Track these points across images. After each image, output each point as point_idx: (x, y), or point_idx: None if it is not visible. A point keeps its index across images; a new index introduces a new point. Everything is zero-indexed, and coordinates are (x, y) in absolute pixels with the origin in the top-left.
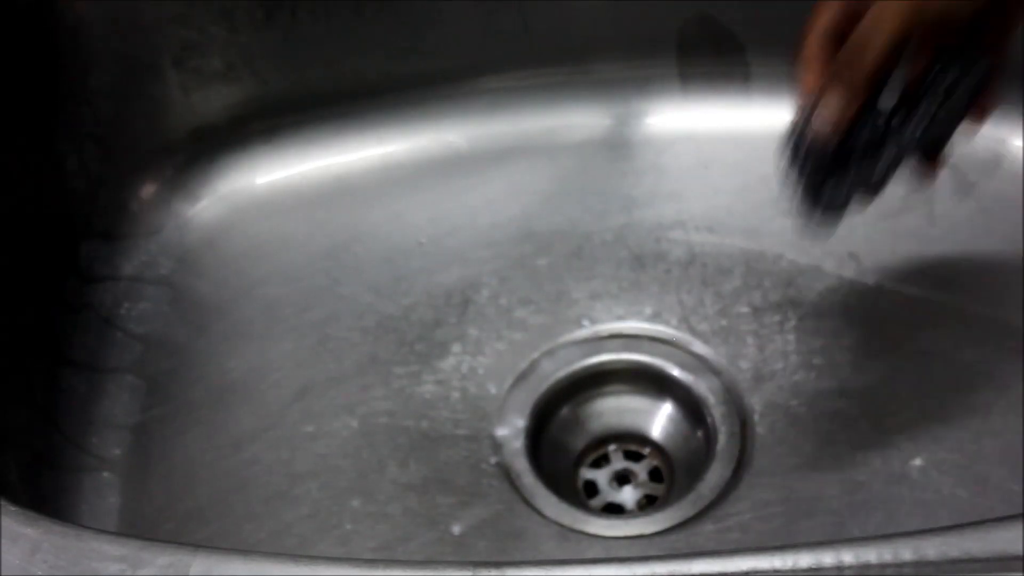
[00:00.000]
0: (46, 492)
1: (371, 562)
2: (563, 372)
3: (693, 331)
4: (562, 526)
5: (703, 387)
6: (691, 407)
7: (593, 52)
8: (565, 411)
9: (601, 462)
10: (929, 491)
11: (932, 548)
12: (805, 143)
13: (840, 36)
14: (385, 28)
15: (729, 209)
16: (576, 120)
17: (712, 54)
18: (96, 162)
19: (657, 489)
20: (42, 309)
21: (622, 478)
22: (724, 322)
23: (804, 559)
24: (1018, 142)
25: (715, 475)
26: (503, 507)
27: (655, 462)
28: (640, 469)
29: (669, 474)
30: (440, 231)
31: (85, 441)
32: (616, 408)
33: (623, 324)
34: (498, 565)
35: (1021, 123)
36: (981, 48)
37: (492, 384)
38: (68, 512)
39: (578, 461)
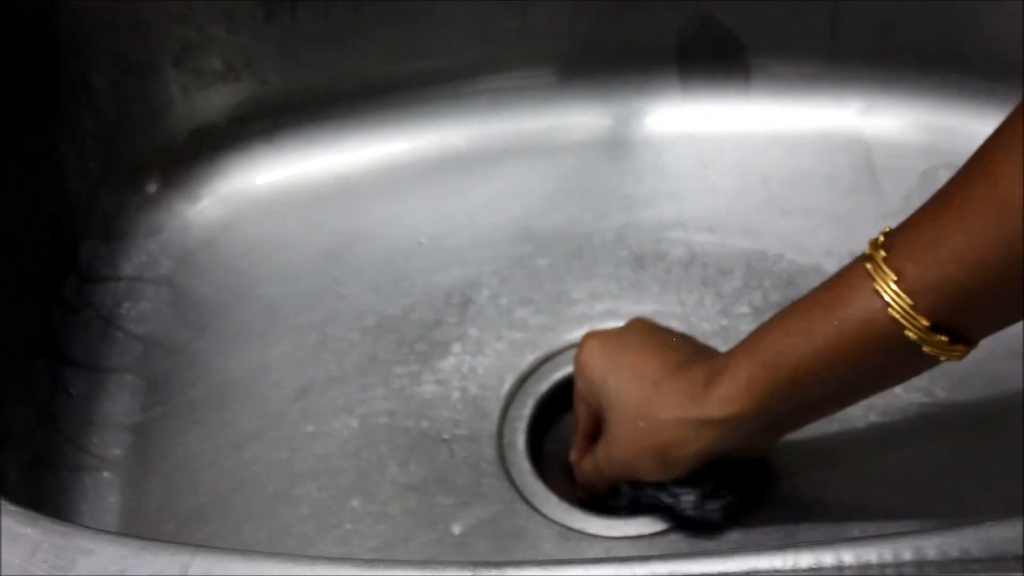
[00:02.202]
0: (46, 492)
1: (371, 562)
2: (563, 372)
3: (694, 331)
4: (562, 526)
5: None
6: None
7: (593, 52)
8: (566, 411)
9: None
10: (929, 491)
11: (932, 548)
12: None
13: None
14: (385, 28)
15: (729, 209)
16: (576, 120)
17: (712, 54)
18: (96, 162)
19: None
20: (42, 309)
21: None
22: (725, 322)
23: (804, 559)
24: None
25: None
26: (503, 507)
27: None
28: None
29: None
30: (440, 231)
31: (85, 441)
32: None
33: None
34: (498, 565)
35: None
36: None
37: (492, 384)
38: (68, 512)
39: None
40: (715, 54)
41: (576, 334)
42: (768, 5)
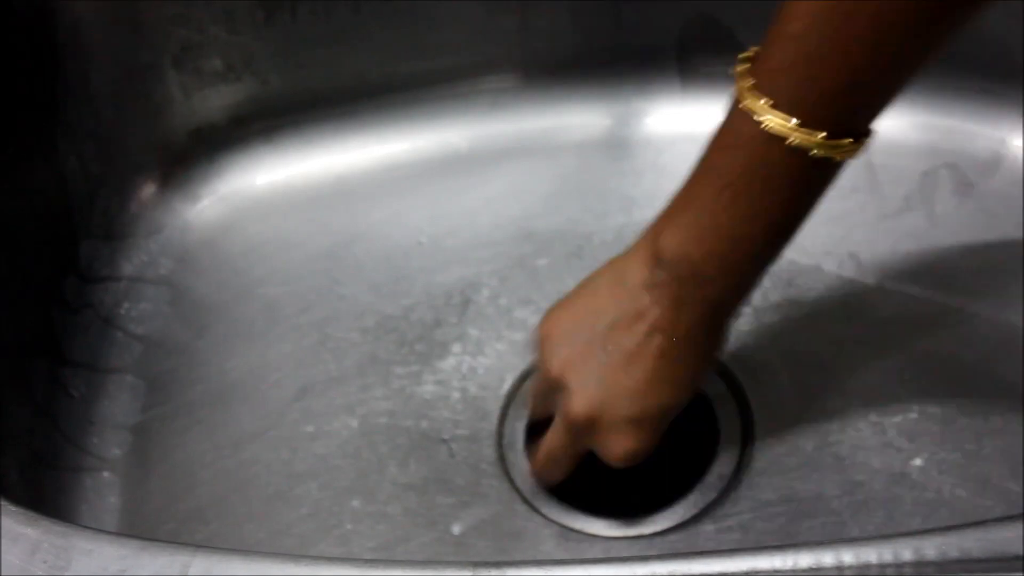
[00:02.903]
0: (46, 492)
1: (371, 562)
2: None
3: None
4: (562, 526)
5: (703, 387)
6: (691, 406)
7: (593, 52)
8: None
9: (601, 462)
10: (929, 491)
11: (932, 548)
12: None
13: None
14: (385, 28)
15: None
16: (576, 120)
17: (712, 54)
18: (96, 162)
19: (657, 489)
20: (42, 309)
21: (622, 477)
22: None
23: (804, 559)
24: (1018, 142)
25: (715, 475)
26: (503, 507)
27: (655, 461)
28: (640, 469)
29: (669, 474)
30: (440, 231)
31: (85, 441)
32: None
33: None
34: (498, 565)
35: (1021, 123)
36: None
37: (492, 384)
38: (68, 512)
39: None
40: (715, 54)
41: None
42: (768, 5)
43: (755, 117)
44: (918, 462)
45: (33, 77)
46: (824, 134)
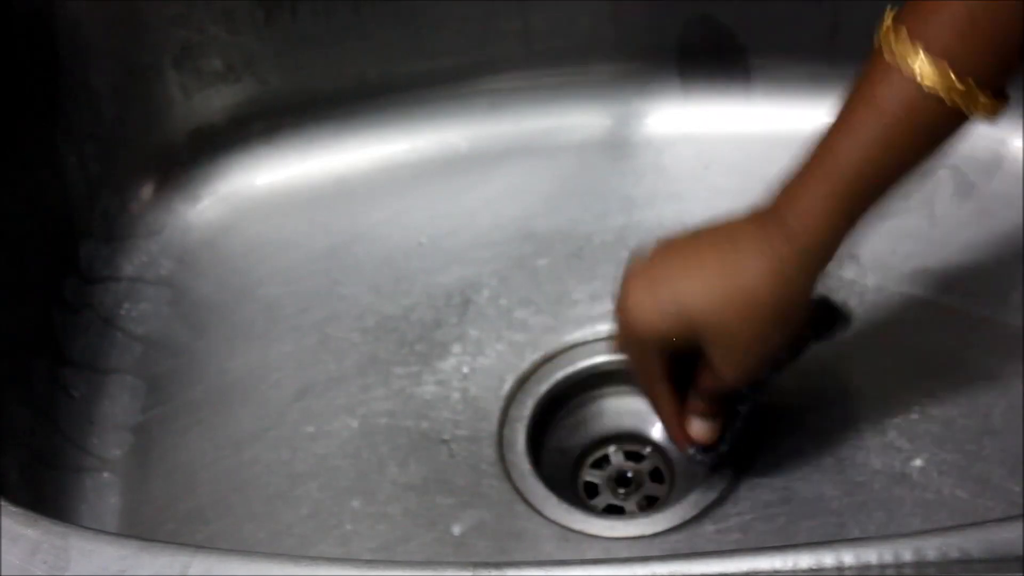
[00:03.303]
0: (46, 492)
1: (371, 562)
2: (563, 373)
3: None
4: (562, 526)
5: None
6: None
7: (593, 52)
8: (566, 412)
9: (602, 463)
10: (929, 491)
11: (932, 548)
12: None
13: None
14: (385, 28)
15: (729, 209)
16: (576, 120)
17: (712, 54)
18: (96, 162)
19: (658, 490)
20: (42, 309)
21: (623, 479)
22: None
23: (804, 559)
24: (1018, 142)
25: (715, 475)
26: (503, 507)
27: (656, 463)
28: (641, 470)
29: (669, 474)
30: (440, 231)
31: (85, 441)
32: (617, 409)
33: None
34: (498, 565)
35: (1021, 123)
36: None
37: (492, 385)
38: (68, 512)
39: (579, 462)
40: (715, 54)
41: (576, 335)
42: (768, 5)
43: (903, 59)
44: (918, 463)
45: (33, 77)
46: (987, 95)
